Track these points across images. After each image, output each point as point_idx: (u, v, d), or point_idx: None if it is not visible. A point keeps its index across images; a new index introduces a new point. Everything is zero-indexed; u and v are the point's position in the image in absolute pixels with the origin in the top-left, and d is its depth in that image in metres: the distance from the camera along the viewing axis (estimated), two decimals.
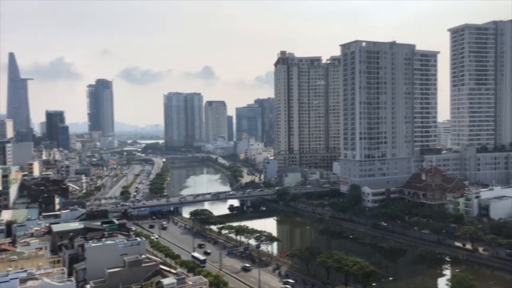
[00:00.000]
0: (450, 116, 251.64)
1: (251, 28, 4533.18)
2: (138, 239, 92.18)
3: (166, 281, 72.90)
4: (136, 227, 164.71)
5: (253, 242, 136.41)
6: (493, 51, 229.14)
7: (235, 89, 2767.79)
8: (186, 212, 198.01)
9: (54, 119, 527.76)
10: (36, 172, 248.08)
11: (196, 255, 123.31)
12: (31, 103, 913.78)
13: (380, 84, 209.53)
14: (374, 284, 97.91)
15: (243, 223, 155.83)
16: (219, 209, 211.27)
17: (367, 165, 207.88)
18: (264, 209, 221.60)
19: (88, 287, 74.79)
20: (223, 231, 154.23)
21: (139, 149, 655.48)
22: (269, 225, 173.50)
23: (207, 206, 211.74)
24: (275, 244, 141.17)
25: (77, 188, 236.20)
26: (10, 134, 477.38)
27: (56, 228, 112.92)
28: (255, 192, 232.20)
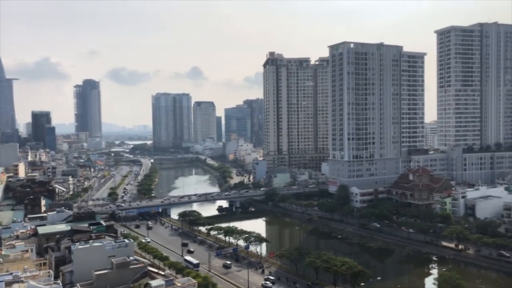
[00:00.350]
0: (437, 116, 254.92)
1: (240, 28, 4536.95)
2: (126, 240, 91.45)
3: (154, 283, 72.25)
4: (124, 229, 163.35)
5: (242, 243, 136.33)
6: (478, 53, 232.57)
7: (224, 89, 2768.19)
8: (174, 213, 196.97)
9: (40, 119, 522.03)
10: (21, 173, 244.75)
11: (189, 258, 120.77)
12: (16, 104, 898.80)
13: (368, 85, 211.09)
14: (362, 284, 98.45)
15: (232, 224, 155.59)
16: (208, 210, 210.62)
17: (356, 166, 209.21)
18: (253, 210, 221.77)
19: None
20: (212, 232, 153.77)
21: (127, 150, 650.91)
22: (258, 226, 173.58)
23: (195, 207, 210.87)
24: (264, 245, 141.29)
25: (64, 189, 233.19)
26: None
27: (42, 230, 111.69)
28: (244, 192, 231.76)
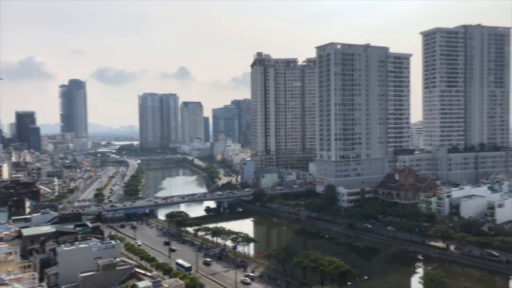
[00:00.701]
0: (422, 117, 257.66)
1: (228, 29, 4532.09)
2: (112, 242, 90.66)
3: (141, 284, 71.69)
4: (110, 230, 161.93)
5: (229, 243, 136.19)
6: (463, 54, 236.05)
7: (211, 90, 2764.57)
8: (162, 214, 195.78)
9: (24, 120, 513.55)
10: (5, 174, 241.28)
11: (180, 262, 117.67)
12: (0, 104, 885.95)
13: (354, 85, 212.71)
14: (349, 283, 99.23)
15: (220, 225, 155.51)
16: (196, 211, 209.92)
17: (342, 166, 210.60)
18: (241, 210, 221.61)
19: None
20: (200, 233, 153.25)
21: (114, 151, 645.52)
22: (246, 226, 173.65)
23: (183, 208, 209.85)
24: (252, 245, 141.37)
25: (49, 190, 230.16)
26: None
27: (26, 232, 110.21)
28: (231, 193, 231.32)
